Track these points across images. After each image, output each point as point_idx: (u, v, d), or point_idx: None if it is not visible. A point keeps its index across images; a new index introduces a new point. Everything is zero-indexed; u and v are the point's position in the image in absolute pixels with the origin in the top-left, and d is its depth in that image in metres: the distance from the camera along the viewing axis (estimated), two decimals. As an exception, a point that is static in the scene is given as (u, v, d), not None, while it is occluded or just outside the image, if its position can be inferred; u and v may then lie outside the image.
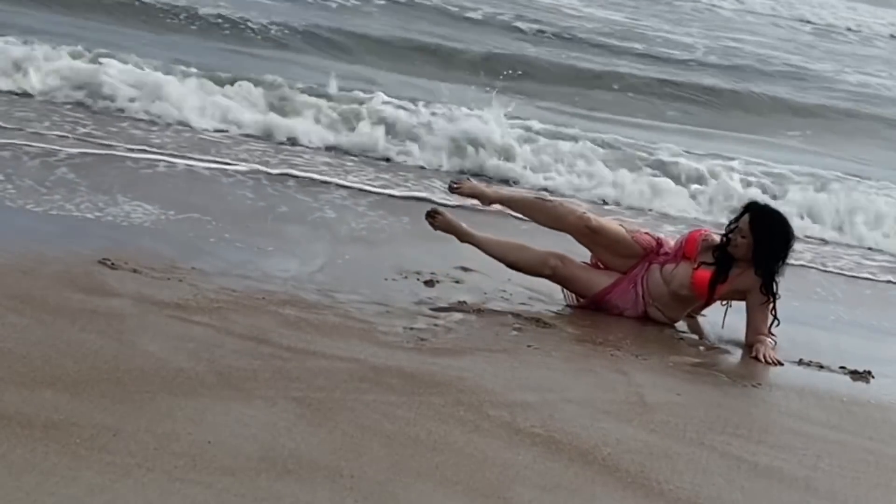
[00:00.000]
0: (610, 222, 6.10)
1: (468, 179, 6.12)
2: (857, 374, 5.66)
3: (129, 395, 3.82)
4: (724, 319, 5.93)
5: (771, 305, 5.80)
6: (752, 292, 5.85)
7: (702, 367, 5.46)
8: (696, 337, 5.93)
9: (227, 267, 5.54)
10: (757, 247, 5.74)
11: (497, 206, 6.18)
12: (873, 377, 5.66)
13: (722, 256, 5.80)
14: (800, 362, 5.74)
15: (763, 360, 5.62)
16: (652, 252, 5.95)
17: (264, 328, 4.73)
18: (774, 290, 5.78)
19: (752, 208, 5.84)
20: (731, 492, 3.96)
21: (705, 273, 5.81)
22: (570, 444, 4.08)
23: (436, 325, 5.22)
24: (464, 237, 5.99)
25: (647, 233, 6.12)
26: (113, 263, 5.18)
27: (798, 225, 7.73)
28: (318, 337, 4.75)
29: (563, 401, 4.54)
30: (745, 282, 5.83)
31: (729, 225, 5.88)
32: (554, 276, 5.95)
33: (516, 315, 5.63)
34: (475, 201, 6.22)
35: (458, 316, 5.45)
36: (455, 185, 6.08)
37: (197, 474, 3.36)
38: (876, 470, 4.46)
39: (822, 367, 5.72)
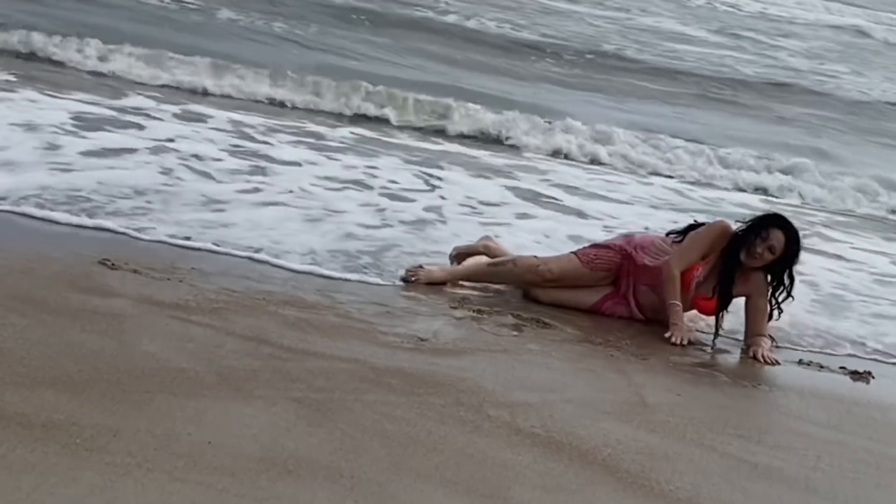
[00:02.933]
0: (565, 262, 6.03)
1: (420, 268, 5.98)
2: (857, 375, 5.67)
3: (129, 396, 3.82)
4: (719, 322, 5.94)
5: (773, 306, 5.87)
6: (752, 296, 5.86)
7: (702, 367, 5.46)
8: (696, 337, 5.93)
9: (227, 267, 5.54)
10: (783, 261, 5.79)
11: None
12: (873, 377, 5.67)
13: (726, 278, 5.82)
14: (800, 362, 5.74)
15: (761, 360, 5.63)
16: (623, 267, 5.98)
17: (264, 328, 4.73)
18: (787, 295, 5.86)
19: (786, 226, 5.81)
20: (731, 492, 3.96)
21: (710, 303, 5.90)
22: (570, 445, 4.08)
23: (436, 325, 5.22)
24: (447, 280, 5.97)
25: (605, 245, 6.10)
26: (113, 263, 5.18)
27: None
28: (318, 337, 4.76)
29: (563, 401, 4.55)
30: (747, 288, 5.86)
31: (749, 236, 5.81)
32: (541, 302, 5.97)
33: (516, 315, 5.63)
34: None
35: (458, 316, 5.45)
36: (412, 278, 5.89)
37: (197, 474, 3.36)
38: (876, 470, 4.46)
39: (822, 367, 5.72)
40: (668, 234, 6.09)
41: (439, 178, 8.38)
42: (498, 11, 18.76)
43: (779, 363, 5.64)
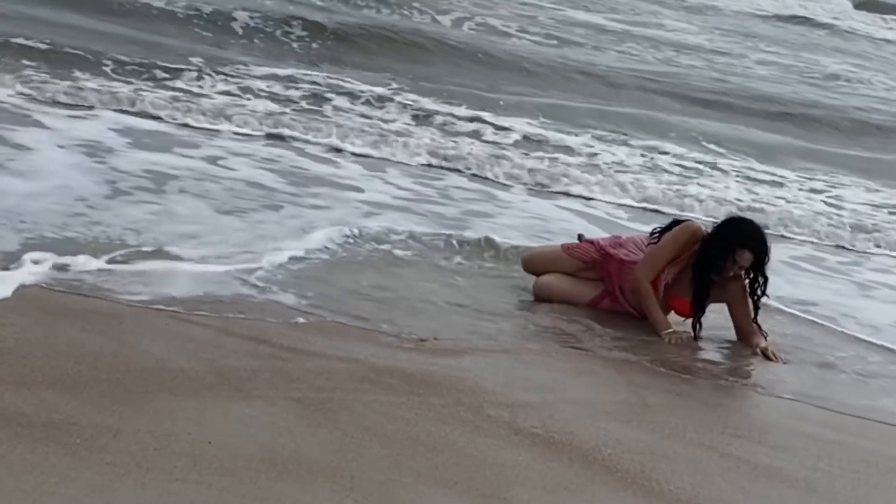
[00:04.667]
0: (546, 247, 6.36)
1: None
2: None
3: (129, 396, 3.82)
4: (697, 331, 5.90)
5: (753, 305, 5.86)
6: (733, 303, 5.86)
7: (702, 367, 5.46)
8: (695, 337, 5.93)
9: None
10: (755, 275, 5.79)
11: None
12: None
13: (700, 292, 5.80)
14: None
15: (770, 357, 5.62)
16: (605, 266, 6.03)
17: (264, 328, 4.73)
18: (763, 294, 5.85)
19: (753, 239, 5.75)
20: (732, 492, 3.96)
21: (685, 305, 5.89)
22: (570, 445, 4.08)
23: (436, 325, 5.22)
24: None
25: (591, 241, 6.20)
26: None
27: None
28: (319, 337, 4.76)
29: (563, 401, 4.55)
30: (725, 295, 5.86)
31: (718, 254, 5.74)
32: (543, 299, 6.01)
33: (517, 315, 5.63)
34: None
35: (458, 316, 5.45)
36: None
37: (197, 474, 3.36)
38: (876, 470, 4.46)
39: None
40: (651, 233, 6.09)
41: None
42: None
43: (785, 361, 5.63)
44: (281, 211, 6.69)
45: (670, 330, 5.74)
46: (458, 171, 8.83)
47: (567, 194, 8.79)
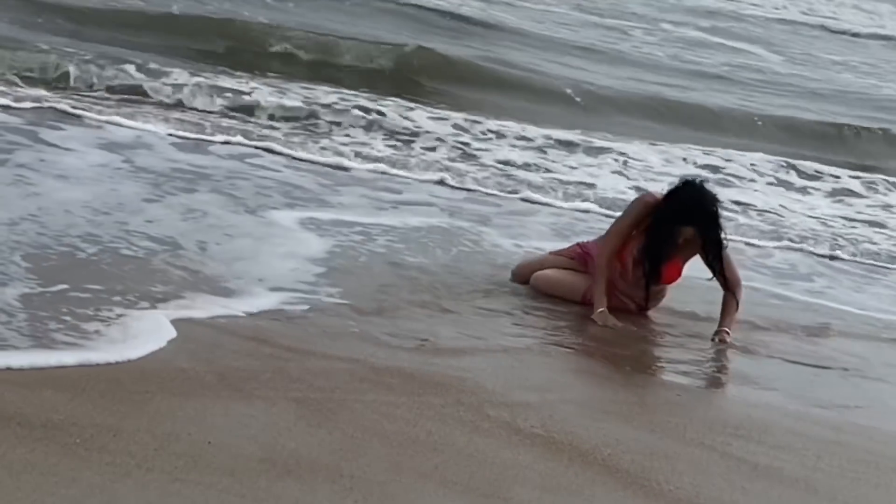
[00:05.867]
0: (532, 256, 6.41)
1: None
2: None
3: (129, 396, 3.82)
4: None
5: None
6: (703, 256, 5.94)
7: (702, 367, 5.46)
8: (694, 336, 5.93)
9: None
10: (706, 239, 5.81)
11: None
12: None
13: (652, 265, 5.83)
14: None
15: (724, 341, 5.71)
16: (588, 263, 6.04)
17: (264, 328, 4.73)
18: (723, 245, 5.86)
19: (694, 222, 5.76)
20: (732, 492, 3.96)
21: (669, 270, 5.92)
22: (570, 445, 4.08)
23: (435, 325, 5.22)
24: None
25: (577, 244, 6.28)
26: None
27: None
28: (319, 337, 4.76)
29: (563, 401, 4.55)
30: (692, 249, 5.88)
31: (663, 228, 5.78)
32: (540, 293, 6.03)
33: (517, 315, 5.63)
34: None
35: (458, 316, 5.45)
36: None
37: (197, 474, 3.36)
38: (876, 470, 4.45)
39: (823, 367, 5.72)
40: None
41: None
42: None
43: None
44: (296, 209, 6.70)
45: (602, 310, 5.73)
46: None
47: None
